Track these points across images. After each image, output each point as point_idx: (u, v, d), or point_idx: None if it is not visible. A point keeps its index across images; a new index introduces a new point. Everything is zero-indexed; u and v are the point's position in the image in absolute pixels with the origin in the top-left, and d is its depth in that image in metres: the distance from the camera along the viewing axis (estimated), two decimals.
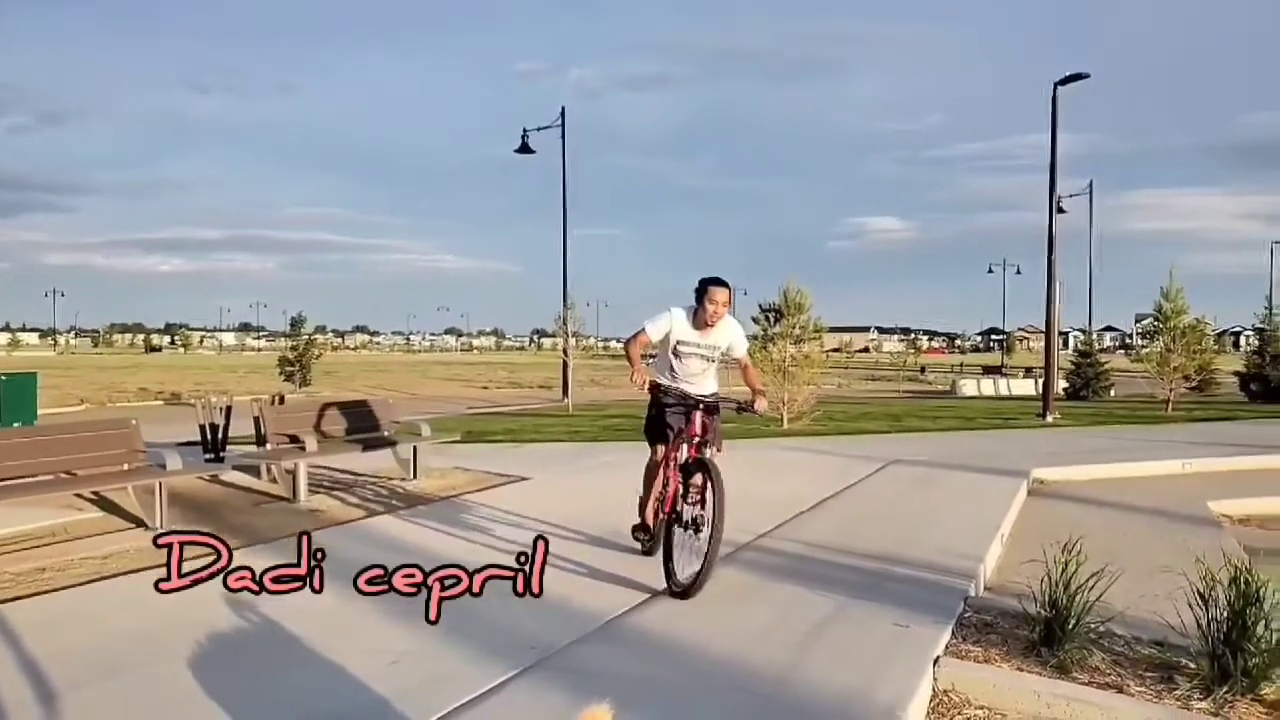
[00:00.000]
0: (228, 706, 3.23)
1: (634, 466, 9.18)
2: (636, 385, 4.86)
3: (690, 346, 4.95)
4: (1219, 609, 3.42)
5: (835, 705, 3.14)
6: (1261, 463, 9.79)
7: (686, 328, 4.92)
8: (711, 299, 4.82)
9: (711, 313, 4.83)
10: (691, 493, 4.61)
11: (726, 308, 4.88)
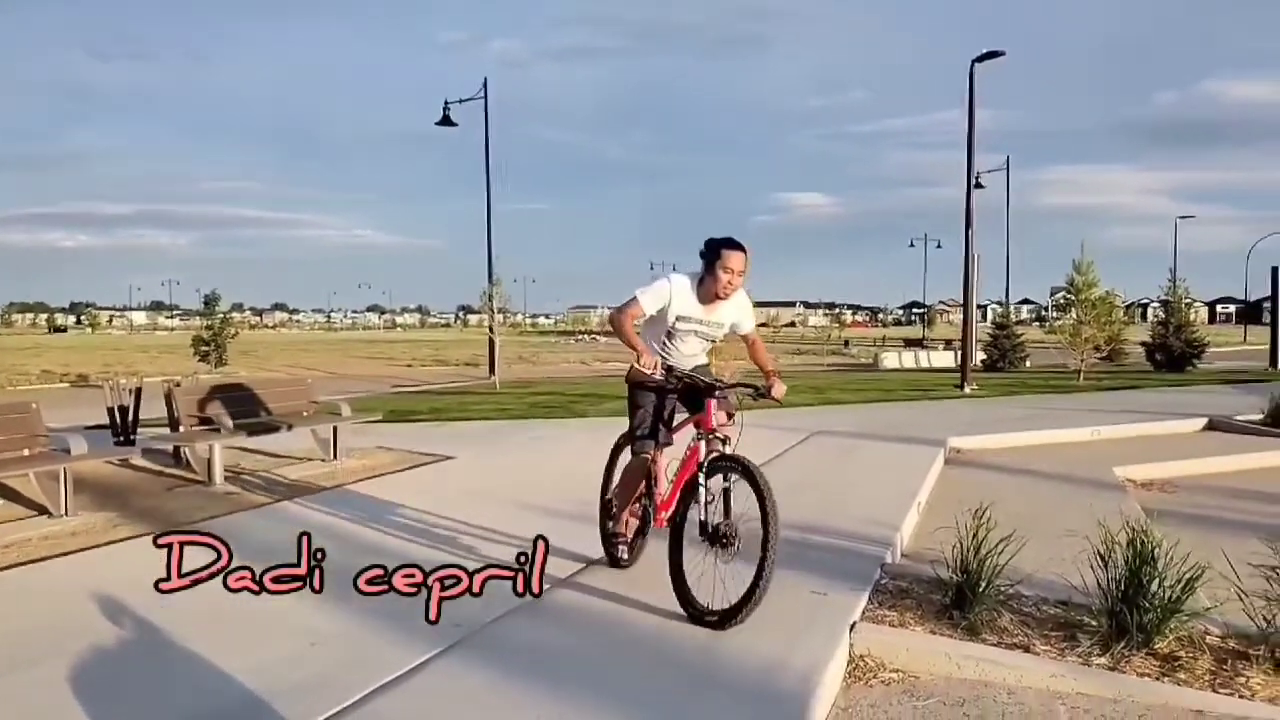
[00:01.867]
0: (139, 695, 3.14)
1: (562, 442, 9.26)
2: (647, 370, 3.88)
3: (690, 323, 4.13)
4: (1117, 569, 3.57)
5: (755, 672, 3.20)
6: (1163, 429, 10.25)
7: (690, 300, 4.07)
8: (726, 266, 3.95)
9: (725, 283, 3.98)
10: (707, 496, 3.79)
11: (743, 278, 4.03)
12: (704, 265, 4.03)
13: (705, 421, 3.94)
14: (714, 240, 4.02)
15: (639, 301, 4.03)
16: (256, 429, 7.46)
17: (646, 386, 4.20)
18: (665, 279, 4.09)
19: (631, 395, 4.31)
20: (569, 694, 3.02)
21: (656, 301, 4.05)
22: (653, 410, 4.24)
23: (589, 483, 6.69)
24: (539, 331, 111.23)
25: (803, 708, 2.93)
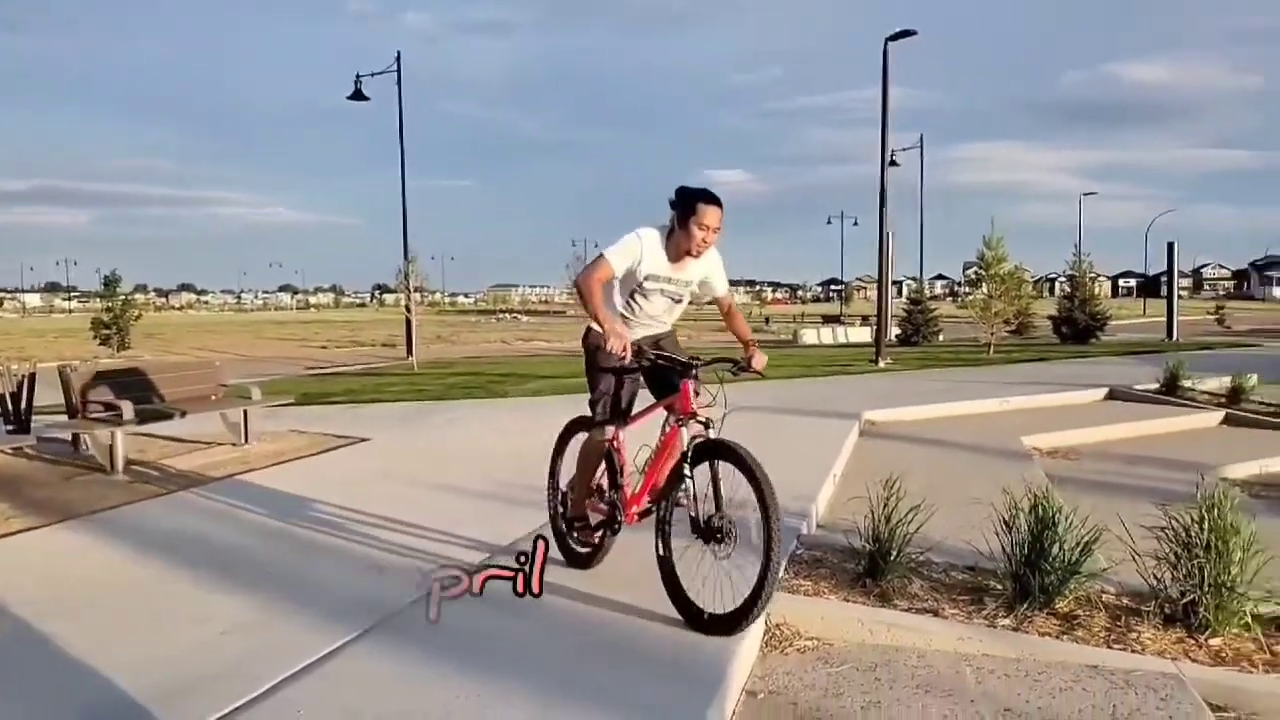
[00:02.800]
0: (35, 693, 3.01)
1: (481, 423, 9.17)
2: (616, 353, 3.47)
3: (659, 282, 3.74)
4: (1021, 534, 3.70)
5: (674, 644, 3.23)
6: (1068, 399, 10.65)
7: (659, 257, 3.68)
8: (702, 223, 3.57)
9: (700, 241, 3.60)
10: (690, 485, 3.45)
11: (718, 235, 3.67)
12: (674, 218, 3.63)
13: (683, 403, 3.55)
14: (689, 191, 3.61)
15: (608, 262, 3.61)
16: (160, 414, 7.20)
17: (611, 365, 3.76)
18: (634, 234, 3.66)
19: (590, 360, 3.91)
20: (487, 673, 3.00)
21: (626, 260, 3.63)
22: (614, 384, 3.85)
23: (509, 463, 6.68)
24: (458, 310, 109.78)
25: (720, 677, 2.96)
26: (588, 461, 3.98)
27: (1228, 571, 3.44)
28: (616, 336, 3.49)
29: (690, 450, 3.45)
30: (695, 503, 3.44)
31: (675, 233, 3.65)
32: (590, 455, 3.96)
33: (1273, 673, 3.25)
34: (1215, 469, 6.99)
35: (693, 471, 3.44)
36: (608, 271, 3.63)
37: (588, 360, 3.95)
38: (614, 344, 3.47)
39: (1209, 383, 10.81)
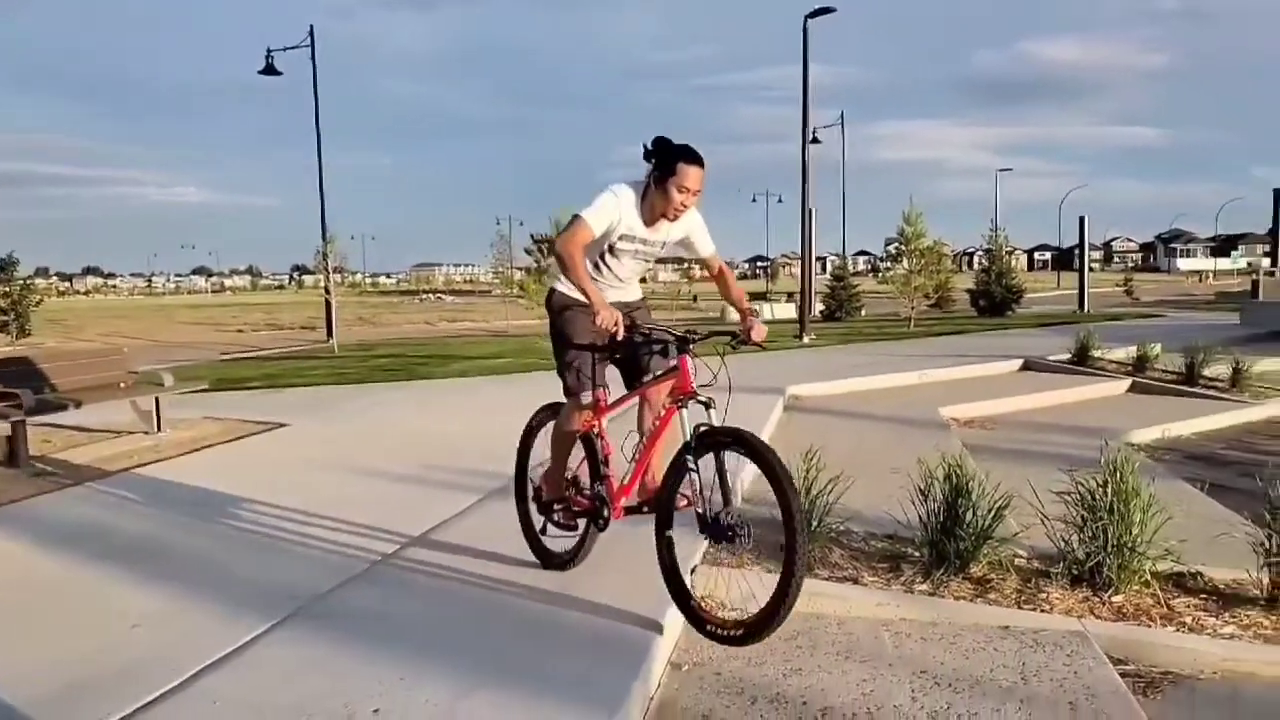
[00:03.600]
0: None
1: (405, 406, 9.03)
2: (606, 327, 3.18)
3: (633, 243, 3.46)
4: (937, 502, 3.80)
5: (598, 620, 3.24)
6: (985, 370, 10.97)
7: (634, 217, 3.39)
8: (683, 185, 3.27)
9: (679, 204, 3.31)
10: (695, 479, 3.09)
11: (698, 197, 3.37)
12: (651, 177, 3.32)
13: (683, 382, 3.20)
14: (669, 147, 3.29)
15: (586, 224, 3.30)
16: (64, 404, 6.91)
17: (582, 323, 3.43)
18: (609, 193, 3.34)
19: (559, 327, 3.54)
20: (408, 656, 2.96)
21: (604, 222, 3.34)
22: (584, 348, 3.48)
23: (432, 447, 6.60)
24: (380, 291, 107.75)
25: (644, 651, 2.98)
26: (563, 440, 3.63)
27: (1129, 532, 3.59)
28: (606, 310, 3.16)
29: (694, 438, 3.08)
30: (702, 498, 3.07)
31: (651, 191, 3.33)
32: (566, 434, 3.60)
33: (1169, 626, 3.41)
34: (1121, 435, 7.29)
35: (698, 463, 3.08)
36: (587, 235, 3.32)
37: (555, 327, 3.59)
38: (604, 318, 3.15)
39: (1117, 352, 11.24)
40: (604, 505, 3.53)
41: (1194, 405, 8.79)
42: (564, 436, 3.63)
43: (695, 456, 3.08)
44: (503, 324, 24.21)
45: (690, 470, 3.08)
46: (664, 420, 3.33)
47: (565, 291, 3.52)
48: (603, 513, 3.54)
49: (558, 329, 3.58)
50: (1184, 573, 3.79)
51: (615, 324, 3.18)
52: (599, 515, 3.56)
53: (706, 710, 2.84)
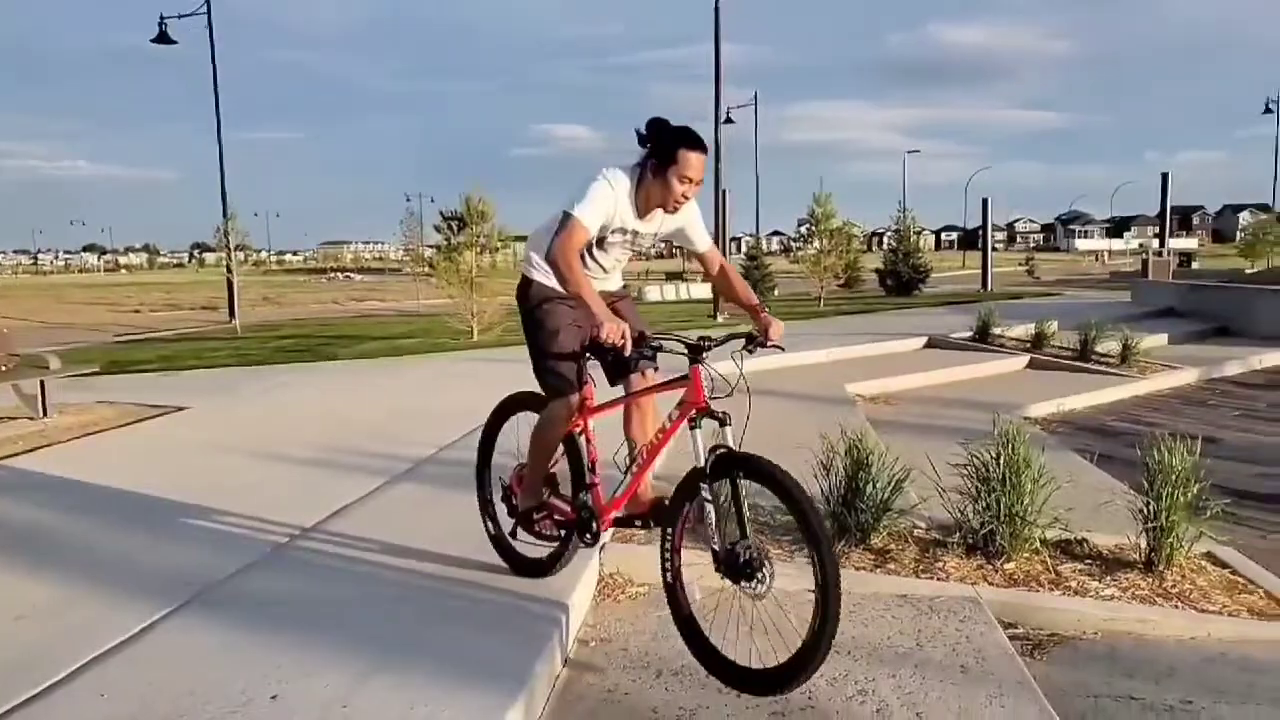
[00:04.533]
0: None
1: (310, 388, 8.79)
2: (612, 342, 2.76)
3: (624, 235, 3.13)
4: (838, 475, 3.90)
5: (507, 599, 3.23)
6: (890, 348, 11.24)
7: (628, 207, 3.04)
8: (684, 174, 2.94)
9: (679, 195, 2.98)
10: (709, 509, 2.73)
11: (699, 188, 3.05)
12: (649, 163, 2.98)
13: (695, 395, 2.87)
14: (667, 130, 2.95)
15: (582, 224, 2.92)
16: None
17: (565, 316, 3.15)
18: (603, 181, 2.97)
19: (538, 321, 3.21)
20: (310, 641, 2.90)
21: (601, 217, 2.98)
22: (568, 345, 3.16)
23: (340, 428, 6.46)
24: (286, 270, 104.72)
25: (551, 629, 2.98)
26: (545, 442, 3.27)
27: (1020, 502, 3.74)
28: (611, 322, 2.75)
29: (708, 461, 2.74)
30: (718, 531, 2.72)
31: (647, 180, 2.99)
32: (548, 435, 3.25)
33: (1056, 590, 3.58)
34: (1019, 409, 7.58)
35: (712, 488, 2.73)
36: (583, 237, 2.95)
37: (532, 321, 3.24)
38: (609, 331, 2.73)
39: (1016, 330, 11.65)
40: (592, 517, 3.18)
41: (1087, 380, 9.19)
42: (546, 440, 3.26)
43: (710, 481, 2.73)
44: (413, 303, 23.83)
45: (705, 501, 2.72)
46: (668, 433, 3.00)
47: (543, 282, 3.17)
48: (590, 525, 3.19)
49: (536, 323, 3.21)
50: (1071, 540, 3.98)
51: (622, 337, 2.76)
52: (586, 528, 3.20)
53: (612, 685, 2.87)
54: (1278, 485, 5.61)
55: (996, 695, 2.73)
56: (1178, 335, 12.41)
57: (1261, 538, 4.60)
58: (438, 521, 4.18)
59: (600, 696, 2.81)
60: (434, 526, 4.08)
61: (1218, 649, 3.27)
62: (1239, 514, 4.87)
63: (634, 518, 3.17)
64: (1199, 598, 3.58)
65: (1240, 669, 3.11)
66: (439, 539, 3.87)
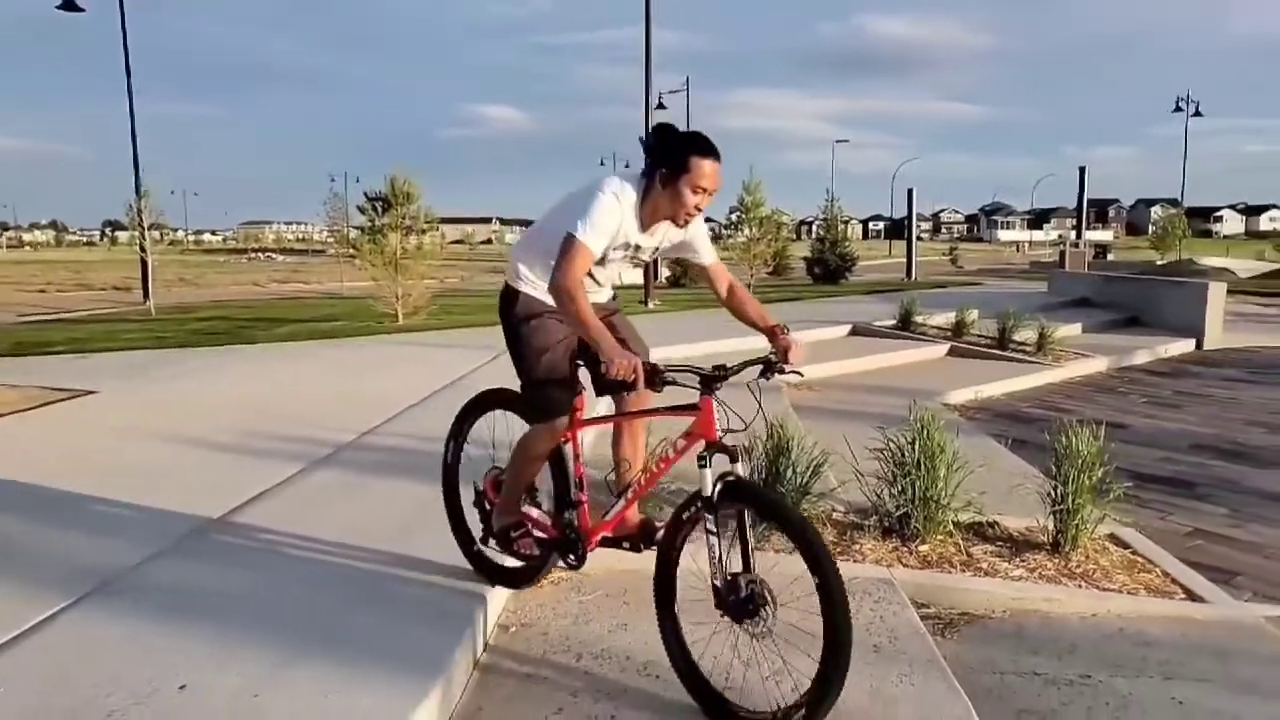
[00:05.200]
0: None
1: (227, 371, 8.54)
2: (621, 378, 2.47)
3: (626, 250, 2.88)
4: (759, 459, 3.95)
5: (425, 585, 3.21)
6: (816, 335, 11.40)
7: (633, 221, 2.79)
8: (697, 183, 2.69)
9: (693, 205, 2.73)
10: (715, 543, 2.54)
11: (714, 199, 2.79)
12: (657, 173, 2.72)
13: (706, 428, 2.63)
14: (676, 137, 2.72)
15: (588, 249, 2.65)
16: None
17: (554, 331, 2.92)
18: (608, 194, 2.69)
19: (524, 338, 2.97)
20: (223, 631, 2.84)
21: (607, 236, 2.72)
22: (558, 363, 2.93)
23: (257, 413, 6.30)
24: (205, 250, 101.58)
25: (471, 615, 2.97)
26: (527, 461, 3.06)
27: (935, 486, 3.84)
28: (622, 358, 2.47)
29: (715, 490, 2.56)
30: (720, 567, 2.56)
31: (654, 191, 2.74)
32: (532, 454, 3.04)
33: (968, 571, 3.69)
34: (938, 395, 7.78)
35: (716, 519, 2.56)
36: (588, 261, 2.69)
37: (518, 337, 3.00)
38: (619, 368, 2.45)
39: (938, 318, 11.92)
40: (578, 539, 3.01)
41: (1004, 368, 9.46)
42: (529, 459, 3.06)
43: (715, 513, 2.56)
44: (337, 285, 23.33)
45: (710, 532, 2.55)
46: (669, 461, 2.81)
47: (531, 294, 2.93)
48: (575, 547, 3.03)
49: (523, 340, 2.96)
50: (983, 522, 4.10)
51: (634, 373, 2.47)
52: (571, 549, 3.04)
53: (532, 669, 2.87)
54: (1178, 469, 5.86)
55: (907, 674, 2.81)
56: (1091, 325, 12.84)
57: (1161, 519, 4.81)
58: (357, 508, 4.11)
59: (520, 680, 2.81)
60: (353, 513, 4.02)
61: (1116, 625, 3.41)
62: (1142, 496, 5.09)
63: (623, 539, 2.99)
64: (1101, 577, 3.73)
65: (1135, 644, 3.25)
66: (358, 526, 3.81)
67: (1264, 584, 3.94)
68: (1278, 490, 5.40)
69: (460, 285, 29.08)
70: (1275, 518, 4.86)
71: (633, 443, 3.15)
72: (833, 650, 2.35)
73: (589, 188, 2.74)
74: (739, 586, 2.52)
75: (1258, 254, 47.59)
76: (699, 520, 2.61)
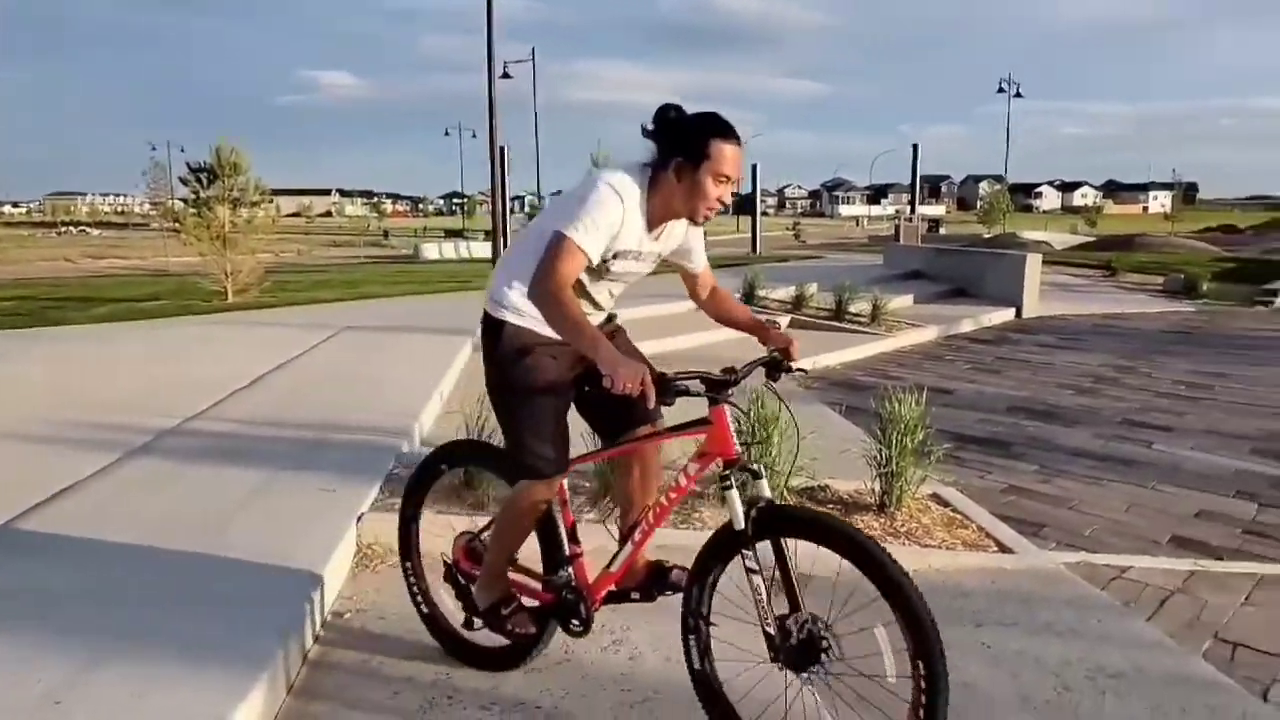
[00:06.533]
0: None
1: (29, 357, 7.85)
2: (628, 392, 2.00)
3: (627, 260, 2.39)
4: None
5: (255, 575, 3.07)
6: (662, 310, 11.46)
7: (637, 224, 2.32)
8: (720, 171, 2.25)
9: (716, 198, 2.29)
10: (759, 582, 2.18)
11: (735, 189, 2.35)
12: (672, 162, 2.27)
13: (723, 445, 2.29)
14: (693, 119, 2.29)
15: (578, 247, 2.20)
16: None
17: (550, 371, 2.41)
18: (608, 189, 2.23)
19: (512, 382, 2.42)
20: (18, 636, 2.62)
21: (605, 238, 2.25)
22: (555, 411, 2.44)
23: (65, 401, 5.84)
24: (4, 224, 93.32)
25: (302, 602, 2.86)
26: (514, 528, 2.58)
27: (769, 453, 3.96)
28: (626, 367, 2.02)
29: (751, 518, 2.19)
30: (770, 610, 2.18)
31: (666, 184, 2.30)
32: (521, 519, 2.54)
33: None
34: None
35: (759, 555, 2.19)
36: (579, 264, 2.23)
37: (505, 380, 2.44)
38: (625, 380, 1.99)
39: (779, 291, 12.29)
40: (578, 599, 2.57)
41: (841, 338, 9.87)
42: (517, 526, 2.57)
43: (755, 547, 2.19)
44: (159, 261, 21.90)
45: (752, 572, 2.18)
46: (681, 490, 2.43)
47: (520, 325, 2.39)
48: (577, 609, 2.57)
49: (511, 383, 2.42)
50: (815, 486, 4.27)
51: (641, 385, 2.01)
52: (571, 612, 2.58)
53: (366, 656, 2.80)
54: (996, 430, 6.27)
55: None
56: (922, 296, 13.55)
57: (980, 477, 5.13)
58: (177, 498, 3.89)
59: (353, 668, 2.74)
60: (173, 504, 3.80)
61: (936, 579, 3.62)
62: (963, 457, 5.42)
63: (630, 590, 2.57)
64: (923, 534, 3.95)
65: (953, 595, 3.46)
66: (178, 517, 3.61)
67: (1066, 534, 4.27)
68: (1081, 447, 5.86)
69: (298, 260, 27.88)
70: (1078, 472, 5.27)
71: (644, 479, 2.67)
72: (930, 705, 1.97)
73: (581, 184, 2.32)
74: (790, 630, 2.15)
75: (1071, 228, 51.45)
76: (730, 560, 2.25)
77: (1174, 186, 72.39)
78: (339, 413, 5.41)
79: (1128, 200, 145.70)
